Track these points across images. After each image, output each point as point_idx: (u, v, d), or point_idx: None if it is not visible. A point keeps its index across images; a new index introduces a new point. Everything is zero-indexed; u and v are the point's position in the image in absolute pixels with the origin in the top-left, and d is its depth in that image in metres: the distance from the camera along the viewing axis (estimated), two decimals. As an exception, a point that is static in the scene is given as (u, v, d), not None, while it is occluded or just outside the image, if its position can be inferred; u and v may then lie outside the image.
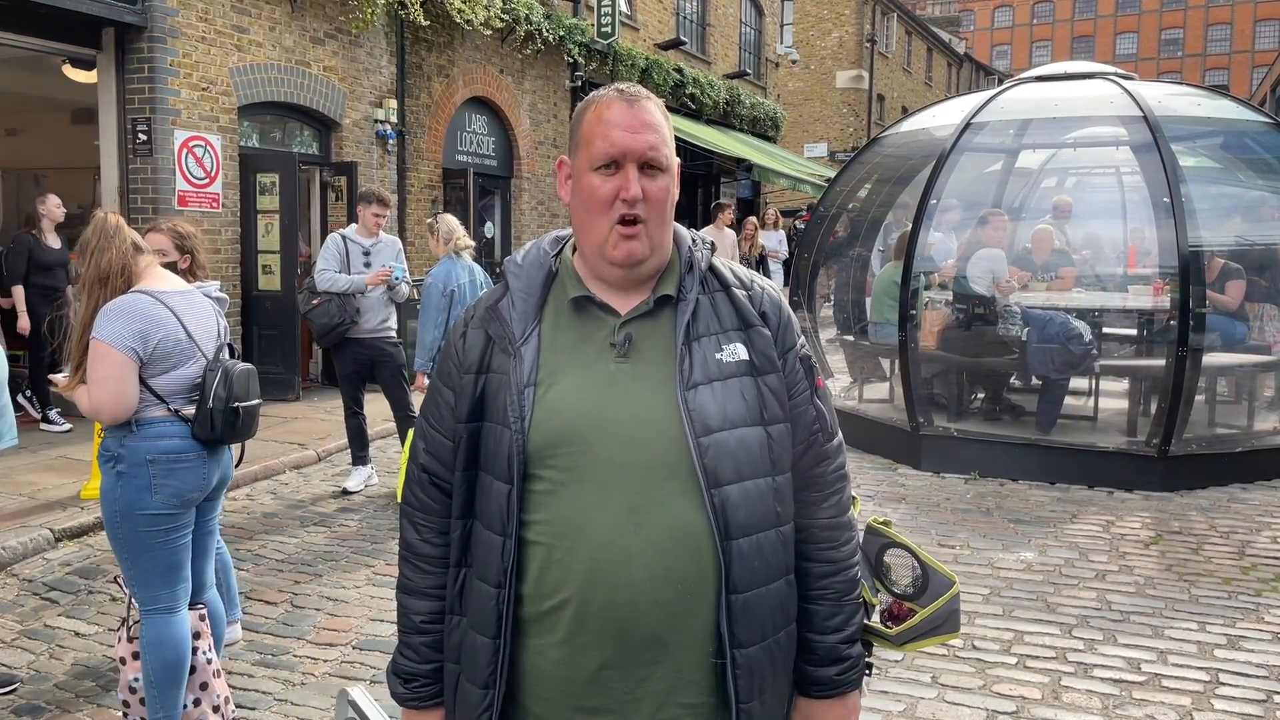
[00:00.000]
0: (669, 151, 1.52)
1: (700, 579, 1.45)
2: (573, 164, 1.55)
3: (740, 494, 1.46)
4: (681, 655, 1.45)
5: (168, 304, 3.09)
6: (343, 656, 4.04)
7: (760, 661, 1.49)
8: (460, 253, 6.09)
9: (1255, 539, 5.48)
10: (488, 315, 1.56)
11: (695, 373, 1.48)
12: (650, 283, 1.55)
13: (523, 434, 1.47)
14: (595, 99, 1.54)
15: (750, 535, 1.47)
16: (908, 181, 8.52)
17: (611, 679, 1.45)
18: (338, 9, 10.05)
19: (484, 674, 1.50)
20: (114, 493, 3.05)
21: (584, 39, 14.43)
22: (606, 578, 1.42)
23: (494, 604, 1.48)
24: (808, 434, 1.58)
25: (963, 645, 4.11)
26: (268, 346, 9.19)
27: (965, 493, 6.48)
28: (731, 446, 1.46)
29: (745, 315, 1.55)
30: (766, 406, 1.52)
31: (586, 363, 1.50)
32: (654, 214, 1.50)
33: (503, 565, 1.48)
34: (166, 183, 8.33)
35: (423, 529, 1.62)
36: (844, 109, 33.07)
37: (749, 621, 1.47)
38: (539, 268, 1.58)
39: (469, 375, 1.55)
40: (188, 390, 3.12)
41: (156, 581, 3.10)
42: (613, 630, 1.43)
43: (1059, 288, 7.70)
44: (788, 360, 1.57)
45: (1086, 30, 72.11)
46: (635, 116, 1.49)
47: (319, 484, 6.76)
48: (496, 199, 13.82)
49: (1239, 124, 7.73)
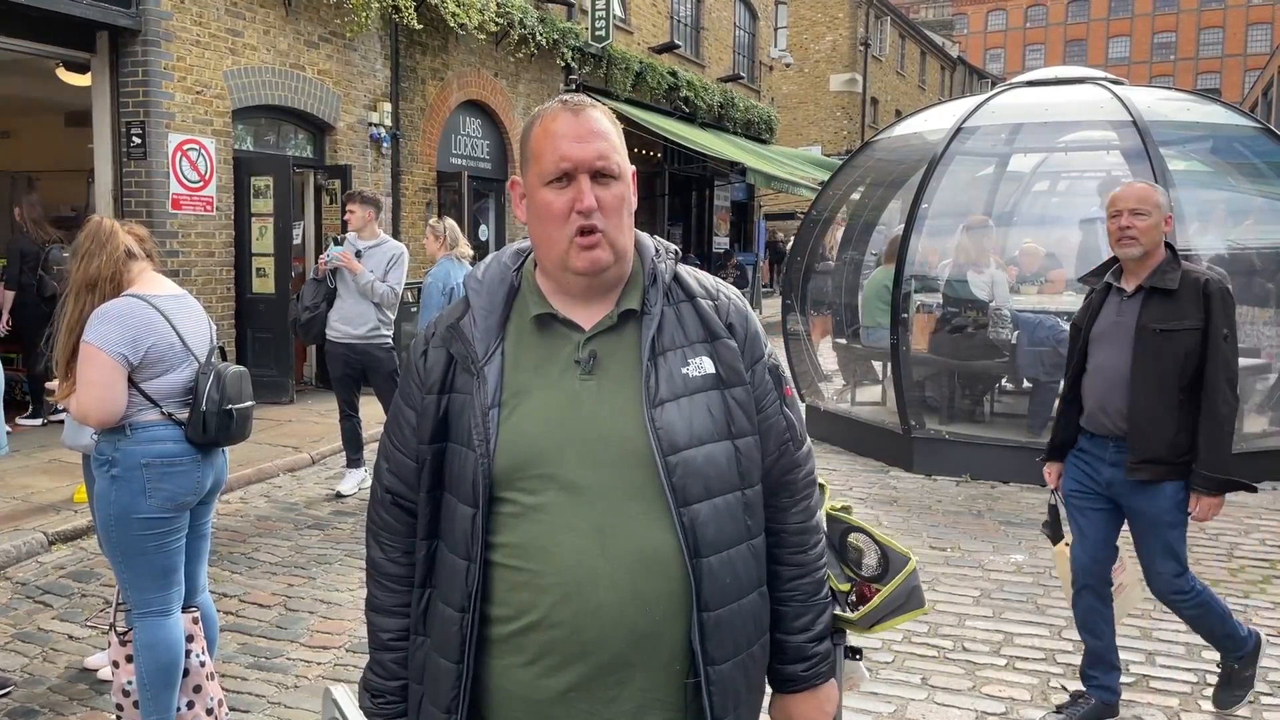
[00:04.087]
0: (620, 158, 1.49)
1: (669, 599, 1.44)
2: (525, 181, 1.53)
3: (710, 511, 1.45)
4: (648, 676, 1.45)
5: (160, 308, 3.10)
6: (336, 659, 4.05)
7: (733, 678, 1.48)
8: (460, 258, 6.12)
9: (1244, 541, 5.52)
10: (449, 334, 1.53)
11: (661, 389, 1.46)
12: (613, 295, 1.52)
13: (488, 457, 1.44)
14: (541, 113, 1.51)
15: (721, 552, 1.46)
16: (900, 185, 8.56)
17: (578, 700, 1.44)
18: (332, 13, 10.07)
19: (446, 697, 1.49)
20: (108, 496, 3.05)
21: (578, 43, 14.46)
22: (574, 600, 1.41)
23: (457, 628, 1.47)
24: (779, 444, 1.58)
25: (952, 647, 4.14)
26: (261, 349, 9.19)
27: (957, 495, 6.51)
28: (700, 464, 1.45)
29: (711, 326, 1.53)
30: (734, 420, 1.50)
31: (551, 382, 1.48)
32: (611, 221, 1.47)
33: (467, 589, 1.46)
34: (161, 186, 8.32)
35: (388, 548, 1.62)
36: (838, 112, 33.15)
37: (721, 638, 1.46)
38: (500, 283, 1.55)
39: (431, 395, 1.52)
40: (181, 394, 3.13)
41: (150, 585, 3.10)
42: (579, 652, 1.42)
43: (1050, 291, 7.74)
44: (755, 372, 1.55)
45: (1079, 34, 72.35)
46: (582, 125, 1.46)
47: (313, 487, 6.77)
48: (491, 202, 13.83)
49: (1228, 128, 7.78)
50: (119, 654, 3.22)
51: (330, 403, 7.55)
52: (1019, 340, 7.28)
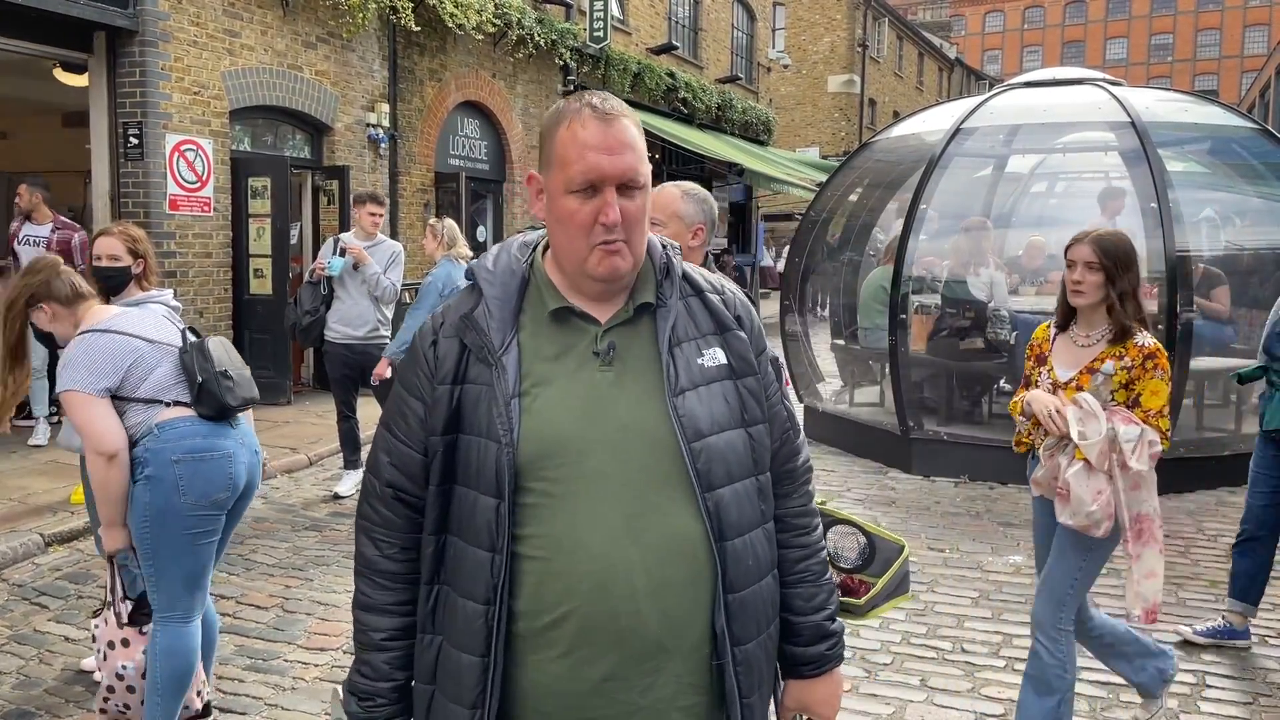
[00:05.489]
0: (645, 168, 1.50)
1: (698, 582, 1.47)
2: (546, 181, 1.51)
3: (732, 495, 1.49)
4: (681, 660, 1.47)
5: (117, 330, 3.09)
6: (334, 661, 4.04)
7: (757, 657, 1.53)
8: (458, 259, 6.11)
9: (1242, 542, 5.51)
10: (463, 324, 1.51)
11: (681, 378, 1.49)
12: (626, 290, 1.54)
13: (513, 446, 1.44)
14: (567, 113, 1.48)
15: (742, 535, 1.50)
16: (898, 186, 8.56)
17: (616, 690, 1.45)
18: (329, 13, 10.06)
19: (471, 693, 1.46)
20: (143, 499, 3.03)
21: (576, 43, 14.46)
22: (609, 589, 1.42)
23: (482, 622, 1.45)
24: (781, 432, 1.64)
25: (951, 648, 4.14)
26: (259, 350, 9.17)
27: (955, 496, 6.50)
28: (721, 449, 1.49)
29: (721, 319, 1.57)
30: (747, 408, 1.54)
31: (570, 372, 1.48)
32: (634, 231, 1.48)
33: (493, 581, 1.45)
34: (158, 186, 8.31)
35: (382, 544, 1.57)
36: (835, 113, 33.17)
37: (745, 620, 1.50)
38: (512, 275, 1.55)
39: (444, 386, 1.50)
40: (175, 381, 3.12)
41: (179, 589, 3.10)
42: (615, 641, 1.43)
43: (1048, 291, 7.74)
44: (760, 362, 1.60)
45: (1077, 35, 72.41)
46: (612, 137, 1.45)
47: (310, 488, 6.75)
48: (489, 203, 13.83)
49: (1226, 129, 7.79)
50: (115, 635, 3.17)
51: (328, 404, 7.54)
52: (1017, 341, 7.28)
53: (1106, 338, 3.10)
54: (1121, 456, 2.90)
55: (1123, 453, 2.90)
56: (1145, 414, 2.99)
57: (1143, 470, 2.92)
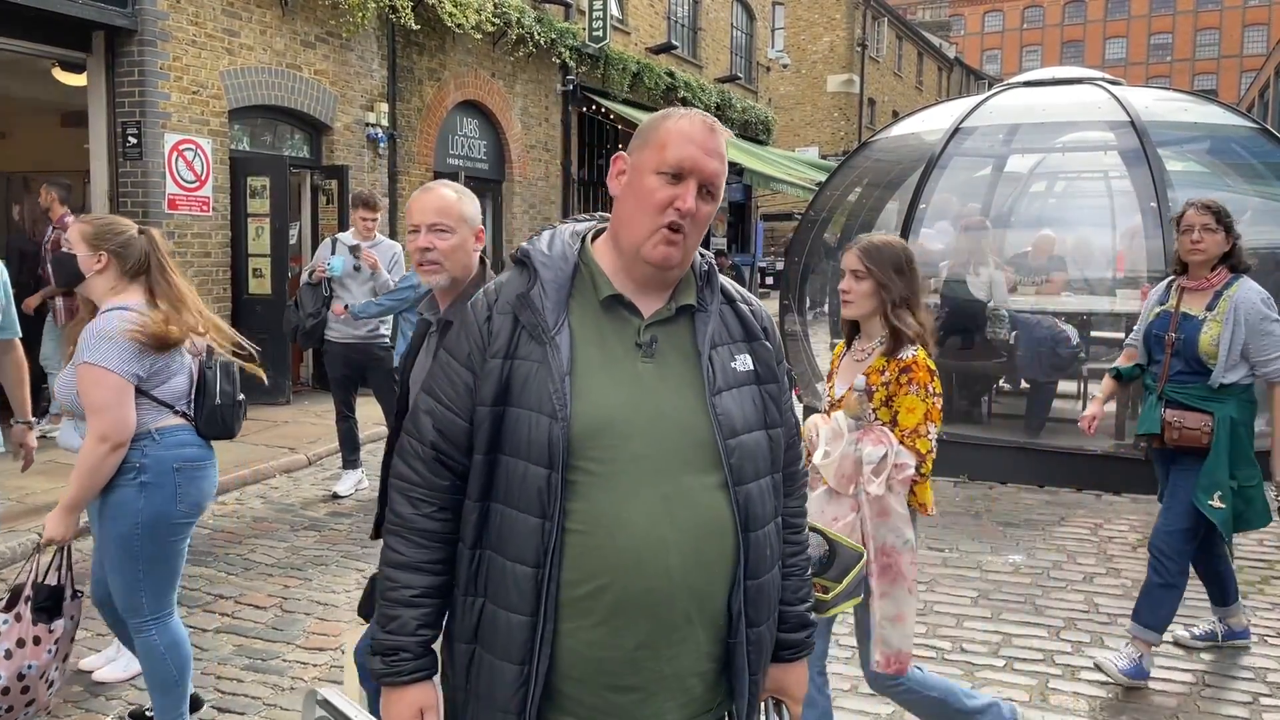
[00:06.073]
0: (723, 184, 1.62)
1: (724, 566, 1.59)
2: (633, 160, 1.61)
3: (757, 490, 1.62)
4: (704, 632, 1.59)
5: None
6: (332, 661, 4.03)
7: (765, 639, 1.68)
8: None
9: (1242, 542, 5.50)
10: (519, 302, 1.59)
11: (719, 379, 1.61)
12: (668, 290, 1.64)
13: (566, 422, 1.51)
14: (677, 113, 1.62)
15: (763, 527, 1.64)
16: (897, 186, 8.56)
17: (645, 658, 1.55)
18: (328, 13, 10.05)
19: (520, 651, 1.54)
20: (136, 504, 2.96)
21: (575, 43, 14.46)
22: (647, 564, 1.52)
23: (532, 584, 1.53)
24: (789, 437, 1.76)
25: (950, 648, 4.14)
26: (257, 350, 9.17)
27: (954, 496, 6.50)
28: (751, 447, 1.62)
29: (750, 329, 1.70)
30: (768, 412, 1.67)
31: (614, 359, 1.58)
32: (695, 231, 1.59)
33: (543, 546, 1.52)
34: (157, 186, 8.30)
35: (420, 504, 1.62)
36: (835, 113, 33.19)
37: (759, 604, 1.64)
38: (566, 260, 1.63)
39: (496, 359, 1.57)
40: (186, 394, 3.10)
41: (166, 589, 3.13)
42: (649, 612, 1.53)
43: (1048, 291, 7.74)
44: (780, 371, 1.73)
45: (1076, 35, 72.43)
46: (711, 142, 1.58)
47: (309, 488, 6.75)
48: (488, 202, 13.82)
49: (1225, 129, 7.79)
50: (28, 633, 2.97)
51: (327, 404, 7.54)
52: (1017, 341, 7.28)
53: (880, 351, 2.89)
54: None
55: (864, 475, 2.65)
56: (901, 433, 2.77)
57: (884, 495, 2.66)
